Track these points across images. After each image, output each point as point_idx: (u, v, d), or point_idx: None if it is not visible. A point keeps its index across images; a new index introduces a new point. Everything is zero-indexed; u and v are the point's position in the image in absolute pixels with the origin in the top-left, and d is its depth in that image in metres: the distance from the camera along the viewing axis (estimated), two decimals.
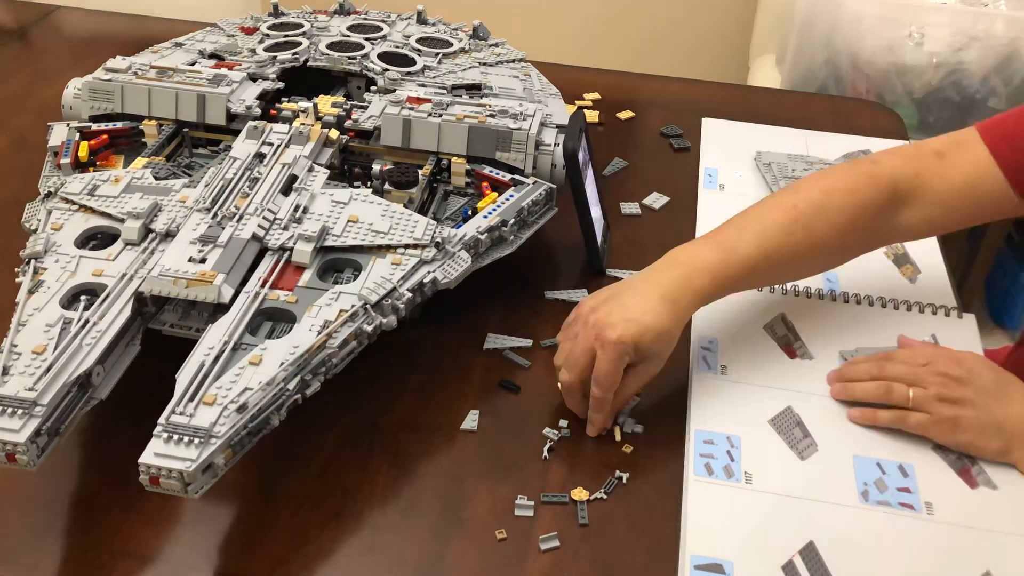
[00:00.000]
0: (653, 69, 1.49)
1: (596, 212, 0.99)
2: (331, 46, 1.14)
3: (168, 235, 0.80)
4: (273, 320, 0.75)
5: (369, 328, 0.75)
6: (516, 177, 0.93)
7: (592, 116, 1.27)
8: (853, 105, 1.47)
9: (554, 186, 0.94)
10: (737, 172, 1.15)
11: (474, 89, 1.06)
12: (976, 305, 1.89)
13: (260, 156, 0.90)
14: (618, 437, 0.80)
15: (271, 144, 0.91)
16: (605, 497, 0.76)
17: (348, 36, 1.17)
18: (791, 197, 0.84)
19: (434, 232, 0.83)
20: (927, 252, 1.02)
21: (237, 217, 0.81)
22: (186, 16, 1.47)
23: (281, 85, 1.05)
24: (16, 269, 0.79)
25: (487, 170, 0.94)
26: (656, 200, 1.11)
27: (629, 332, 0.74)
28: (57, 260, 0.78)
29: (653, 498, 0.76)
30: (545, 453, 0.79)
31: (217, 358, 0.69)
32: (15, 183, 1.08)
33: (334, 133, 0.95)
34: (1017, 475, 0.76)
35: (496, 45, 1.21)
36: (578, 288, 0.98)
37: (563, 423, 0.80)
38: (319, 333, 0.72)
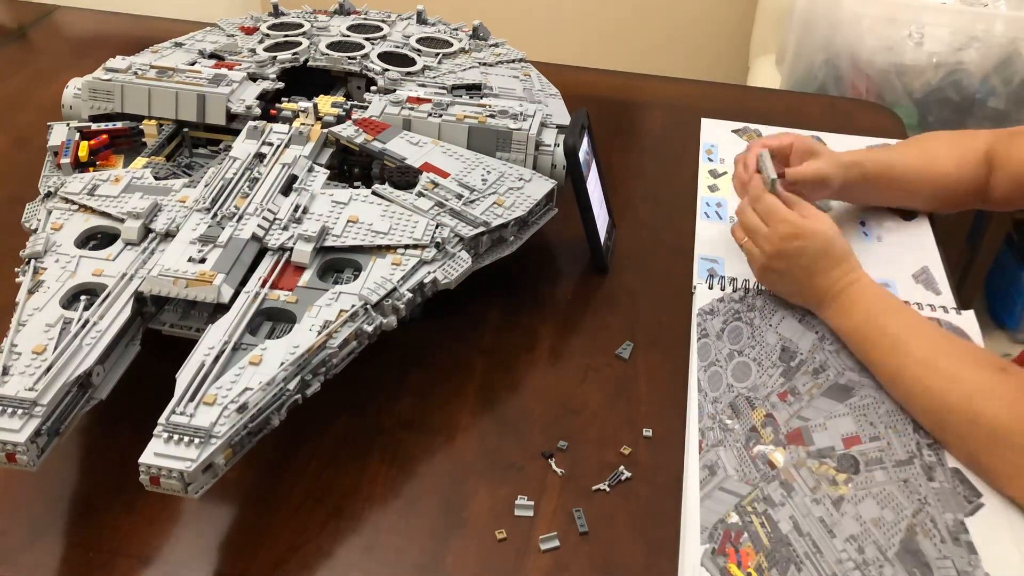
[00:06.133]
0: (653, 69, 1.49)
1: (600, 210, 0.99)
2: (331, 46, 1.14)
3: (168, 235, 0.80)
4: (273, 320, 0.75)
5: (369, 328, 0.75)
6: None
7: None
8: (853, 105, 1.47)
9: (555, 182, 0.94)
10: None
11: (474, 89, 1.06)
12: (976, 305, 1.89)
13: (260, 156, 0.90)
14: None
15: (271, 144, 0.91)
16: (608, 489, 0.76)
17: (348, 36, 1.17)
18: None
19: (434, 232, 0.83)
20: (927, 252, 1.02)
21: (237, 217, 0.81)
22: (186, 16, 1.47)
23: (281, 85, 1.06)
24: (16, 269, 0.79)
25: None
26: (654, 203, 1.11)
27: None
28: (57, 260, 0.78)
29: (653, 498, 0.76)
30: (552, 465, 0.79)
31: (217, 358, 0.69)
32: (15, 183, 1.08)
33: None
34: None
35: (496, 45, 1.21)
36: (579, 287, 0.98)
37: (562, 443, 0.80)
38: (319, 333, 0.72)
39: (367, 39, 1.16)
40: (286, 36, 1.16)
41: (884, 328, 0.83)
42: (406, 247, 0.82)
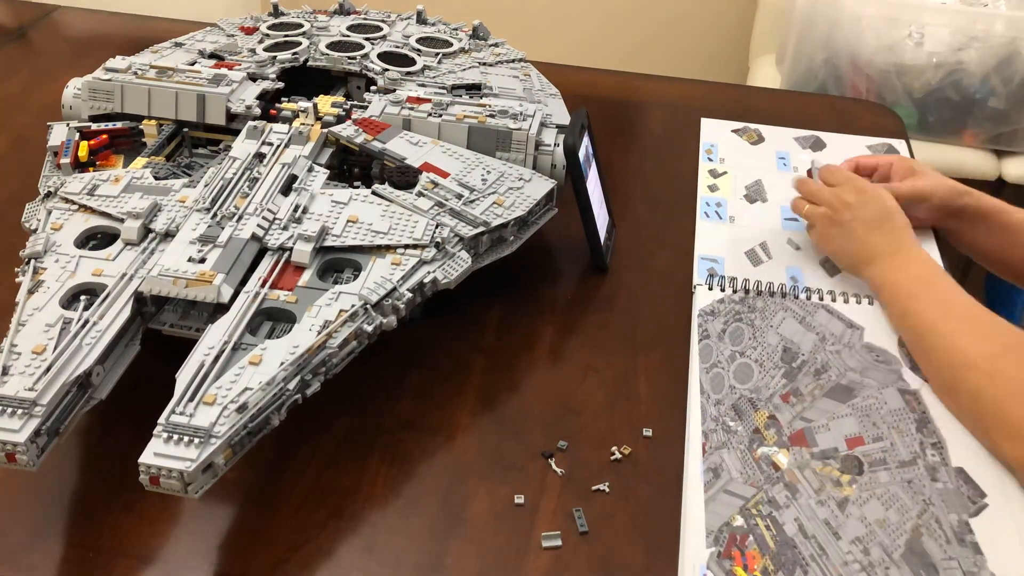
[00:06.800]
0: (653, 69, 1.49)
1: (600, 209, 0.99)
2: (331, 46, 1.14)
3: (168, 235, 0.80)
4: (273, 320, 0.75)
5: (369, 328, 0.75)
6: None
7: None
8: (853, 105, 1.47)
9: (555, 182, 0.94)
10: (736, 172, 1.15)
11: (474, 89, 1.06)
12: None
13: (260, 156, 0.90)
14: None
15: (271, 144, 0.91)
16: (607, 491, 0.76)
17: (348, 36, 1.17)
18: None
19: (434, 232, 0.83)
20: (927, 252, 1.02)
21: (237, 217, 0.81)
22: (186, 16, 1.47)
23: (281, 85, 1.05)
24: (16, 269, 0.79)
25: None
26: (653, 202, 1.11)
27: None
28: (57, 260, 0.78)
29: (653, 498, 0.76)
30: (552, 465, 0.79)
31: (217, 358, 0.69)
32: (15, 183, 1.08)
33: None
34: None
35: (496, 45, 1.21)
36: (579, 287, 0.98)
37: (562, 443, 0.80)
38: (319, 333, 0.72)
39: (367, 39, 1.16)
40: (286, 36, 1.16)
41: (933, 287, 0.86)
42: (406, 247, 0.82)
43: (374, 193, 0.87)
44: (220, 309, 0.74)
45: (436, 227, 0.83)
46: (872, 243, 0.92)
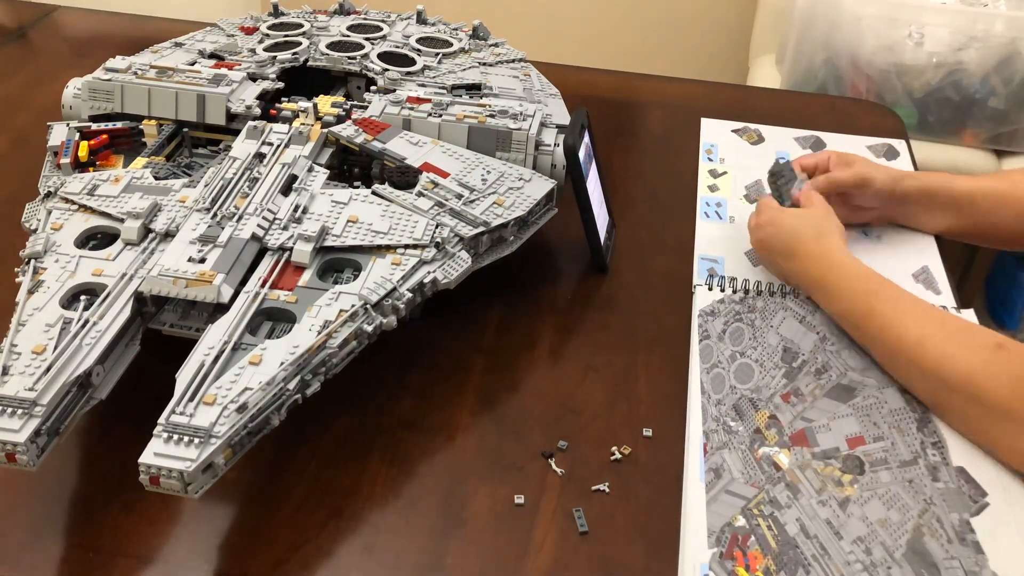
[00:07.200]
0: (653, 69, 1.49)
1: (600, 210, 0.99)
2: (331, 46, 1.14)
3: (168, 235, 0.80)
4: (273, 320, 0.75)
5: (369, 328, 0.75)
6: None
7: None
8: (853, 105, 1.47)
9: (555, 182, 0.94)
10: (736, 172, 1.15)
11: (474, 89, 1.06)
12: (976, 305, 1.89)
13: (260, 156, 0.90)
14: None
15: (271, 144, 0.91)
16: (607, 491, 0.76)
17: (348, 36, 1.17)
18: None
19: (434, 232, 0.83)
20: (927, 252, 1.02)
21: (237, 217, 0.81)
22: (186, 16, 1.47)
23: (281, 85, 1.05)
24: (16, 269, 0.79)
25: None
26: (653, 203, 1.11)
27: None
28: (57, 260, 0.78)
29: (653, 498, 0.76)
30: (552, 465, 0.79)
31: (217, 358, 0.69)
32: (15, 183, 1.08)
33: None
34: None
35: (496, 45, 1.21)
36: (579, 287, 0.98)
37: (562, 443, 0.80)
38: (319, 333, 0.72)
39: (367, 39, 1.16)
40: (286, 36, 1.16)
41: (871, 312, 0.83)
42: (406, 247, 0.82)
43: (374, 193, 0.87)
44: (220, 309, 0.74)
45: (436, 227, 0.83)
46: (793, 271, 0.92)
